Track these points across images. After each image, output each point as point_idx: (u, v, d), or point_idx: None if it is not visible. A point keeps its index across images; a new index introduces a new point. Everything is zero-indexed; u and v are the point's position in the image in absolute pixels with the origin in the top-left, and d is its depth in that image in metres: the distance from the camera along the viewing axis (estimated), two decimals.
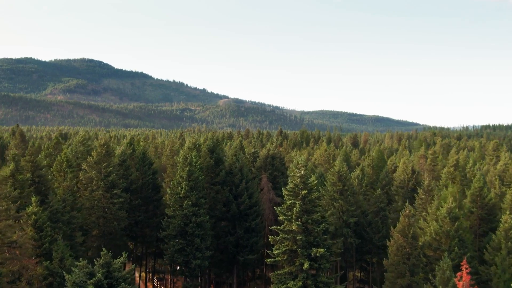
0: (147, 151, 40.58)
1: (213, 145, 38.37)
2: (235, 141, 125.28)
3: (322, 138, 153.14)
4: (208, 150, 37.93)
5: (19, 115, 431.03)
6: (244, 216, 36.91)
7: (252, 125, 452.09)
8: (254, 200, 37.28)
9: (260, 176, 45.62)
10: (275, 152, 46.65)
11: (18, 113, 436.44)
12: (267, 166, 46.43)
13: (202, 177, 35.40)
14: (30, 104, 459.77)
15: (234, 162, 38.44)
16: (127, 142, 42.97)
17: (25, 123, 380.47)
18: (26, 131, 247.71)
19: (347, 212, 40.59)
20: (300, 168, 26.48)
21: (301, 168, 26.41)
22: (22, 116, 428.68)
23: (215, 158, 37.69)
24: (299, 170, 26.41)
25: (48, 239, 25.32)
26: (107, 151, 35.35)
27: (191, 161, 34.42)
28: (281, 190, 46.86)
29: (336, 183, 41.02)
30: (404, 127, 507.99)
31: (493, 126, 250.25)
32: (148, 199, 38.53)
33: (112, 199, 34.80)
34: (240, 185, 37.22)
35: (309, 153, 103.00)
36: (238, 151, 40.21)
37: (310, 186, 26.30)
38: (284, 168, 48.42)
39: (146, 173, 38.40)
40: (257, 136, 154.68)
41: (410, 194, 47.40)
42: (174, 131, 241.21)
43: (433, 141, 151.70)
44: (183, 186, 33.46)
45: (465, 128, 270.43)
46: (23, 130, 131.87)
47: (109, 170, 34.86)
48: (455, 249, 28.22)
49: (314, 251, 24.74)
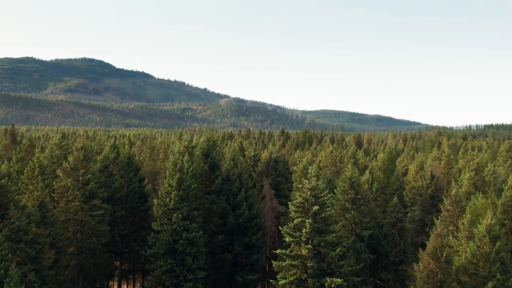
0: (133, 155, 35.62)
1: (208, 148, 33.54)
2: (235, 141, 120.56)
3: (325, 138, 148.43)
4: (202, 154, 33.12)
5: (19, 114, 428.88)
6: (244, 230, 32.15)
7: (253, 125, 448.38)
8: (255, 212, 32.52)
9: (262, 182, 40.92)
10: (278, 156, 41.91)
11: (18, 112, 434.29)
12: (269, 171, 41.68)
13: (195, 185, 30.67)
14: (30, 104, 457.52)
15: (232, 168, 33.67)
16: (111, 145, 38.04)
17: (25, 122, 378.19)
18: (25, 131, 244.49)
19: (360, 224, 35.79)
20: (310, 179, 21.64)
21: (311, 179, 21.57)
22: (23, 116, 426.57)
23: (210, 163, 32.91)
24: (310, 180, 21.57)
25: (3, 265, 20.67)
26: (85, 156, 30.64)
27: (181, 167, 29.67)
28: (285, 197, 42.30)
29: (348, 190, 36.20)
30: (406, 126, 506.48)
31: (496, 126, 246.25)
32: (134, 209, 33.80)
33: (91, 211, 30.14)
34: (239, 194, 32.45)
35: (313, 154, 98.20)
36: (237, 154, 35.38)
37: (323, 200, 21.49)
38: (288, 173, 43.69)
39: (132, 180, 33.63)
40: (258, 136, 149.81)
41: (428, 202, 42.59)
42: (174, 131, 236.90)
43: (438, 141, 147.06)
44: (172, 197, 28.75)
45: (468, 127, 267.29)
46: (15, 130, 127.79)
47: (88, 177, 30.20)
48: (496, 275, 23.39)
49: (329, 281, 20.01)
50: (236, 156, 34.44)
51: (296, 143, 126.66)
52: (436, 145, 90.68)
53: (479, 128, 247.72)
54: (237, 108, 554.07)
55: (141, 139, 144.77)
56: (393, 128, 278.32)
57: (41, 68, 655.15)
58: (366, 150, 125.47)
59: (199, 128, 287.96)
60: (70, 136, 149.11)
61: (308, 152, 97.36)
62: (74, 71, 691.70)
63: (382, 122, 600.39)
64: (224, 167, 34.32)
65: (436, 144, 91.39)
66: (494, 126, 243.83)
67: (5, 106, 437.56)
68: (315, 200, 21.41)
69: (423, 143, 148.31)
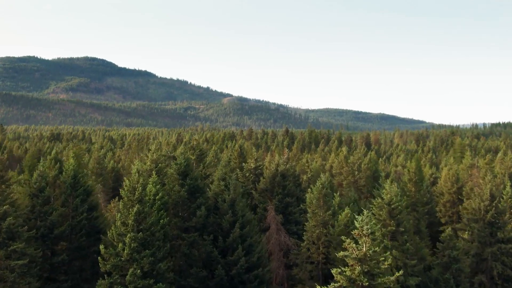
0: (82, 172, 24.98)
1: (187, 163, 23.04)
2: (237, 142, 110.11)
3: (333, 138, 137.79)
4: (177, 172, 22.67)
5: (20, 114, 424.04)
6: (239, 285, 21.75)
7: (256, 124, 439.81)
8: (255, 257, 22.08)
9: (265, 204, 30.48)
10: (286, 168, 31.34)
11: (19, 112, 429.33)
12: (275, 189, 31.18)
13: (165, 220, 20.38)
14: (31, 103, 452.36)
15: (223, 191, 23.25)
16: (51, 158, 27.40)
17: (26, 122, 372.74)
18: (24, 130, 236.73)
19: (405, 267, 25.29)
20: (360, 240, 11.08)
21: (362, 240, 11.01)
22: (23, 115, 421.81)
23: (190, 186, 22.46)
24: (359, 245, 11.00)
25: None
26: (1, 177, 20.38)
27: (142, 197, 19.33)
28: (296, 223, 31.54)
29: (387, 221, 25.71)
30: (410, 125, 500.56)
31: (503, 124, 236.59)
32: (81, 251, 23.51)
33: (9, 260, 20.00)
34: (232, 231, 22.06)
35: (321, 157, 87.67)
36: (228, 172, 24.91)
37: (383, 281, 10.90)
38: (299, 191, 33.11)
39: (78, 209, 23.32)
40: (261, 137, 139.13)
41: (487, 230, 31.97)
42: (175, 130, 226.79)
43: (451, 141, 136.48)
44: (127, 242, 18.53)
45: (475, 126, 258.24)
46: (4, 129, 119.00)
47: (3, 209, 20.01)
48: None
49: None
50: (227, 174, 23.92)
51: (302, 144, 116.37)
52: (470, 149, 78.48)
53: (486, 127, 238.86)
54: (240, 107, 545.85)
55: (138, 140, 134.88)
56: (398, 127, 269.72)
57: (42, 67, 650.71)
58: (377, 151, 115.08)
59: (201, 127, 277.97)
60: (64, 136, 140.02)
61: (317, 155, 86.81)
62: (76, 70, 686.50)
63: (386, 121, 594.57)
64: (211, 191, 23.83)
65: (470, 149, 79.24)
66: (501, 124, 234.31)
67: (6, 106, 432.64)
68: (369, 280, 10.95)
69: (434, 143, 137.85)
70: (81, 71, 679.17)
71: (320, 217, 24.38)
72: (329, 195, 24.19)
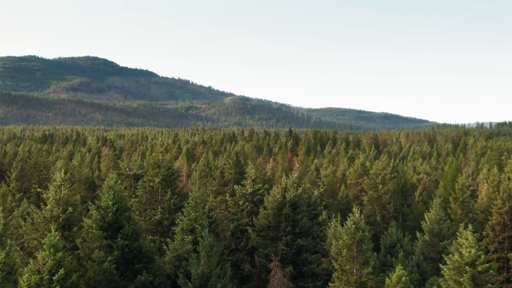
0: None
1: (118, 208, 11.19)
2: (237, 144, 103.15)
3: (340, 139, 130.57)
4: (100, 226, 11.16)
5: (20, 113, 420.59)
6: None
7: (258, 123, 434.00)
8: None
9: (265, 251, 22.44)
10: (297, 195, 23.56)
11: (19, 111, 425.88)
12: (281, 226, 22.91)
13: None
14: (31, 103, 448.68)
15: (189, 253, 14.11)
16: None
17: (26, 122, 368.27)
18: (21, 130, 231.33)
19: None
20: None
21: None
22: (23, 115, 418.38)
23: (124, 250, 11.60)
24: None
25: None
26: None
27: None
28: (312, 279, 21.73)
29: None
30: (413, 124, 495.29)
31: (510, 123, 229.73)
32: None
33: None
34: None
35: (330, 161, 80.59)
36: (207, 210, 16.65)
37: None
38: (316, 227, 24.44)
39: None
40: (263, 137, 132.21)
41: None
42: (175, 130, 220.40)
43: (464, 142, 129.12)
44: None
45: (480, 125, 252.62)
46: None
47: None
48: None
49: None
50: (200, 218, 14.37)
51: (307, 146, 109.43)
52: (505, 155, 69.74)
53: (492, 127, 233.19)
54: (242, 106, 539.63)
55: (131, 141, 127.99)
56: (402, 126, 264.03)
57: (43, 67, 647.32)
58: (389, 153, 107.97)
59: (201, 127, 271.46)
60: (57, 137, 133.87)
61: (325, 160, 79.69)
62: (77, 69, 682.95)
63: (389, 120, 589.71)
64: (169, 255, 13.52)
65: (505, 155, 70.47)
66: (507, 124, 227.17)
67: (6, 105, 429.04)
68: None
69: (445, 143, 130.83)
70: (82, 70, 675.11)
71: (353, 277, 16.65)
72: (366, 241, 16.04)
